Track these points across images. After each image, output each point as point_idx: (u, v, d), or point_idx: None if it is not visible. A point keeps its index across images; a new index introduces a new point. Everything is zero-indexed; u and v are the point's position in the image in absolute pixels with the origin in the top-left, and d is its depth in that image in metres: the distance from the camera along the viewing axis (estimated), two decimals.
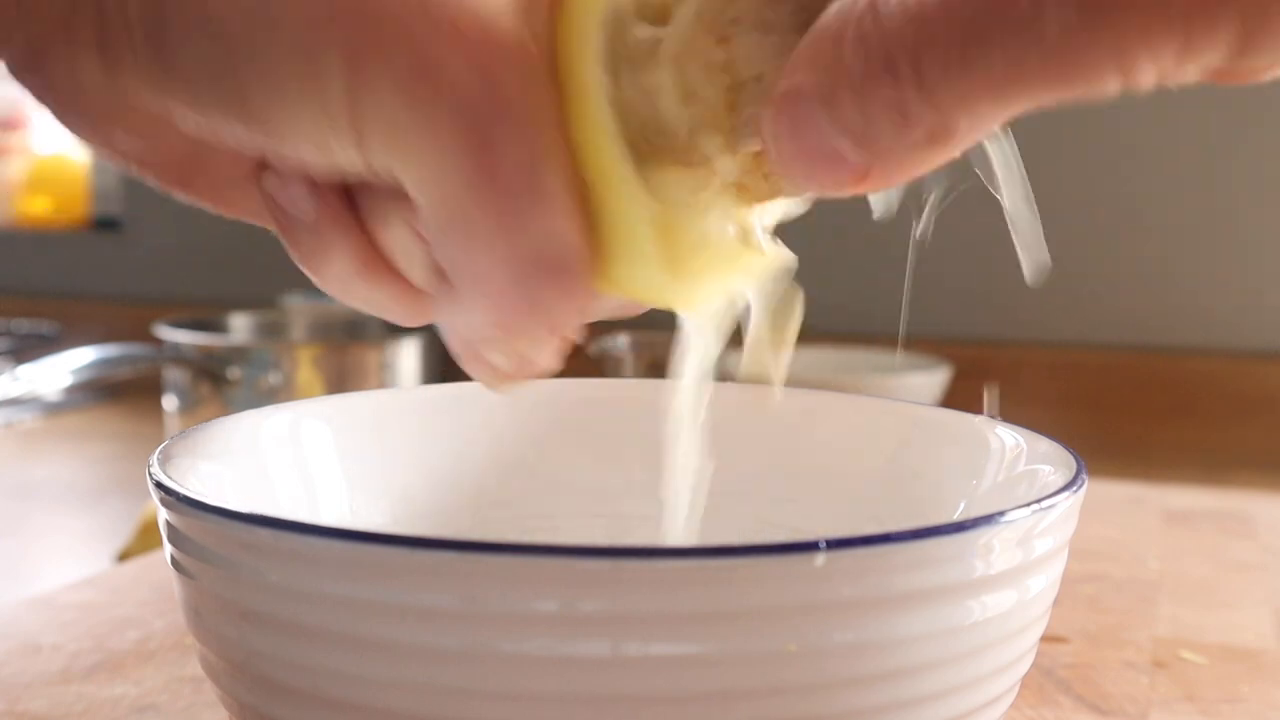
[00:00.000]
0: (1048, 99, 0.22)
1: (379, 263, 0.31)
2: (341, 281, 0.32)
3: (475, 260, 0.28)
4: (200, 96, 0.28)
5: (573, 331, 0.30)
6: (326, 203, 0.31)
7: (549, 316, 0.28)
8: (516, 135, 0.27)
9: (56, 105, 0.29)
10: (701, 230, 0.28)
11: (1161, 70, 0.22)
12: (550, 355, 0.30)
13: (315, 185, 0.31)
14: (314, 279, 0.32)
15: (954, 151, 0.24)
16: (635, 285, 0.29)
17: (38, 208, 1.64)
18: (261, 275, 1.22)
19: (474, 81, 0.26)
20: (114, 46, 0.28)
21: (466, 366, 0.30)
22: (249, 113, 0.27)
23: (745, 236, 0.29)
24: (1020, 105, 0.23)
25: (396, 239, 0.31)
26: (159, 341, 0.97)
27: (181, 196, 0.32)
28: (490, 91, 0.26)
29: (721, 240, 0.29)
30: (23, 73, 0.29)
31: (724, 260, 0.29)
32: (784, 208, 0.30)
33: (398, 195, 0.29)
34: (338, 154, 0.27)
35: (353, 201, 0.31)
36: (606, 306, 0.31)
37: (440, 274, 0.29)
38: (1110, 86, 0.22)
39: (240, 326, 1.11)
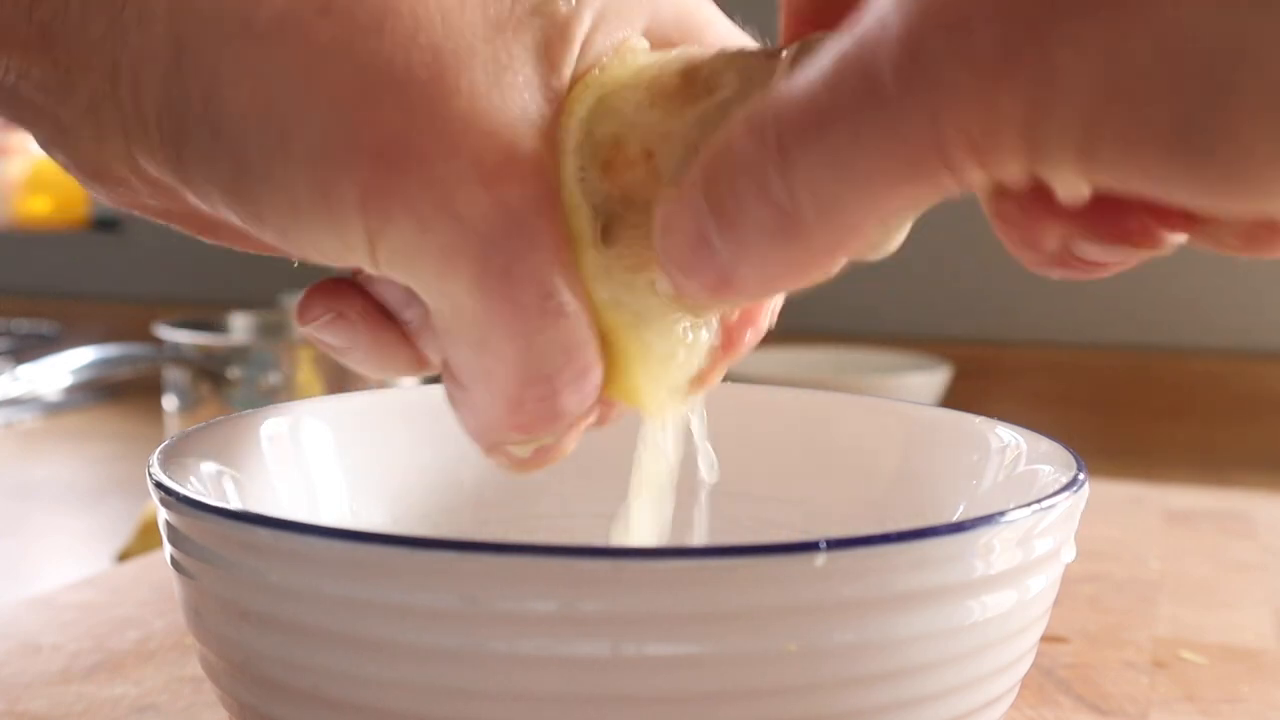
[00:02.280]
0: (903, 193, 0.23)
1: (393, 330, 0.32)
2: (364, 362, 0.33)
3: (489, 369, 0.28)
4: (216, 203, 0.29)
5: (590, 421, 0.30)
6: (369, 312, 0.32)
7: (564, 418, 0.29)
8: (531, 262, 0.27)
9: (81, 176, 0.31)
10: (677, 344, 0.30)
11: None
12: (569, 443, 0.31)
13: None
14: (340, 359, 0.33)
15: (806, 259, 0.24)
16: (638, 397, 0.30)
17: (38, 208, 1.64)
18: (261, 275, 1.22)
19: (491, 216, 0.27)
20: (139, 142, 0.29)
21: (486, 454, 0.31)
22: (263, 223, 0.28)
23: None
24: (870, 199, 0.23)
25: (413, 318, 0.32)
26: (159, 341, 0.97)
27: (209, 240, 0.33)
28: (506, 223, 0.27)
29: (695, 352, 0.30)
30: (50, 147, 0.31)
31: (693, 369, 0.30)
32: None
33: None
34: (350, 262, 0.28)
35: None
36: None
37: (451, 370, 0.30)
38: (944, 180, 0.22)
39: (240, 326, 1.11)
